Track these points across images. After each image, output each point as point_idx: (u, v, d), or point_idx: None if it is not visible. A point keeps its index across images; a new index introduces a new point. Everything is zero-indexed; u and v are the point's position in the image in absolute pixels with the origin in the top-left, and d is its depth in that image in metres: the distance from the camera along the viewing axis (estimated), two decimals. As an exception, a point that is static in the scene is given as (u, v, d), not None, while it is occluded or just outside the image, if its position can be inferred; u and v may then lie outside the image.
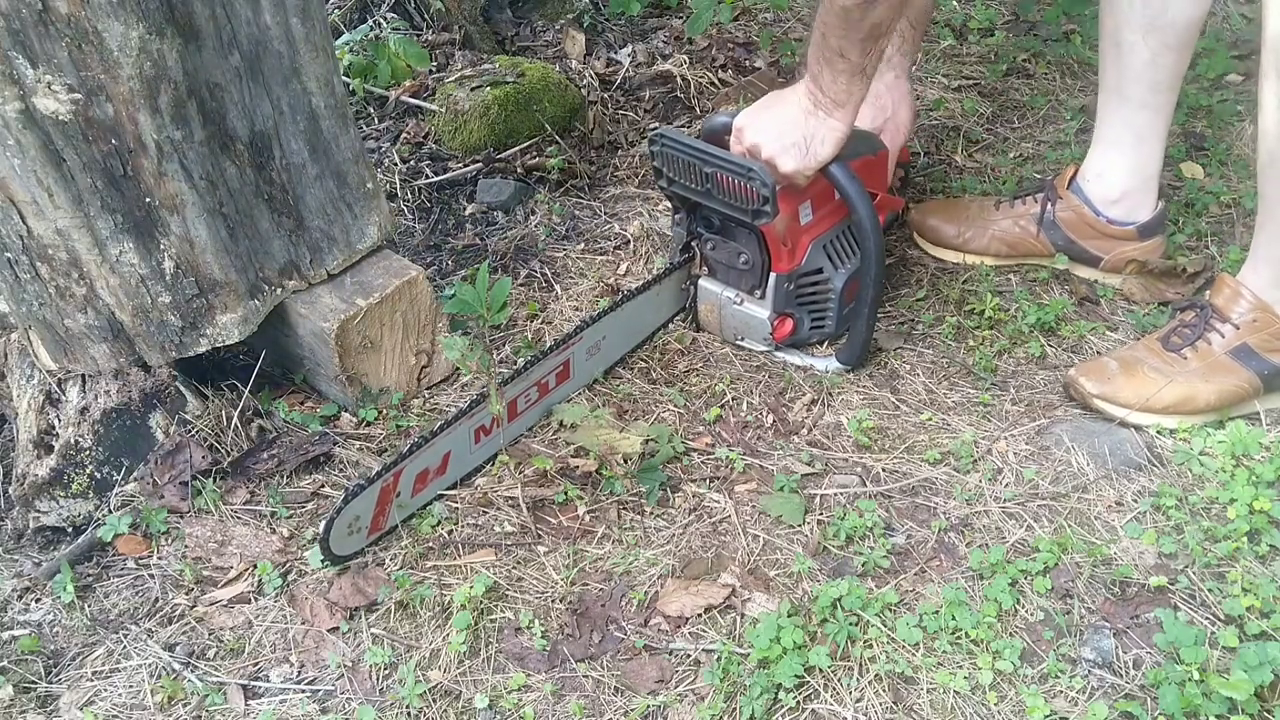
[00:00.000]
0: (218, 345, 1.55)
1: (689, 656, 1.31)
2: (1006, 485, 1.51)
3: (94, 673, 1.34)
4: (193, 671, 1.33)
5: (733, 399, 1.68)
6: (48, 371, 1.54)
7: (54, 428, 1.53)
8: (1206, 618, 1.30)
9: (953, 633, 1.29)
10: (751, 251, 1.66)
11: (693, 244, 1.75)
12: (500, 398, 1.47)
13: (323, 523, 1.36)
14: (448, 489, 1.52)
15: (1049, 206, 1.85)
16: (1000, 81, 2.47)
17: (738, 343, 1.77)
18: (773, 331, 1.70)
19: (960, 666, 1.26)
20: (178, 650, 1.36)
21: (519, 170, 2.24)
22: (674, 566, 1.41)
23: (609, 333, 1.66)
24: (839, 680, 1.25)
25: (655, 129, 1.65)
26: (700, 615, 1.35)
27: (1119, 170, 1.78)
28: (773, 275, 1.66)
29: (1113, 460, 1.52)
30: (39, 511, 1.50)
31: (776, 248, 1.64)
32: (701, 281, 1.76)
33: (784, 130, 1.54)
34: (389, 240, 1.71)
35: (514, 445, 1.59)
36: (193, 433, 1.56)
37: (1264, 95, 1.42)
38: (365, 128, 2.42)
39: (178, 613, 1.40)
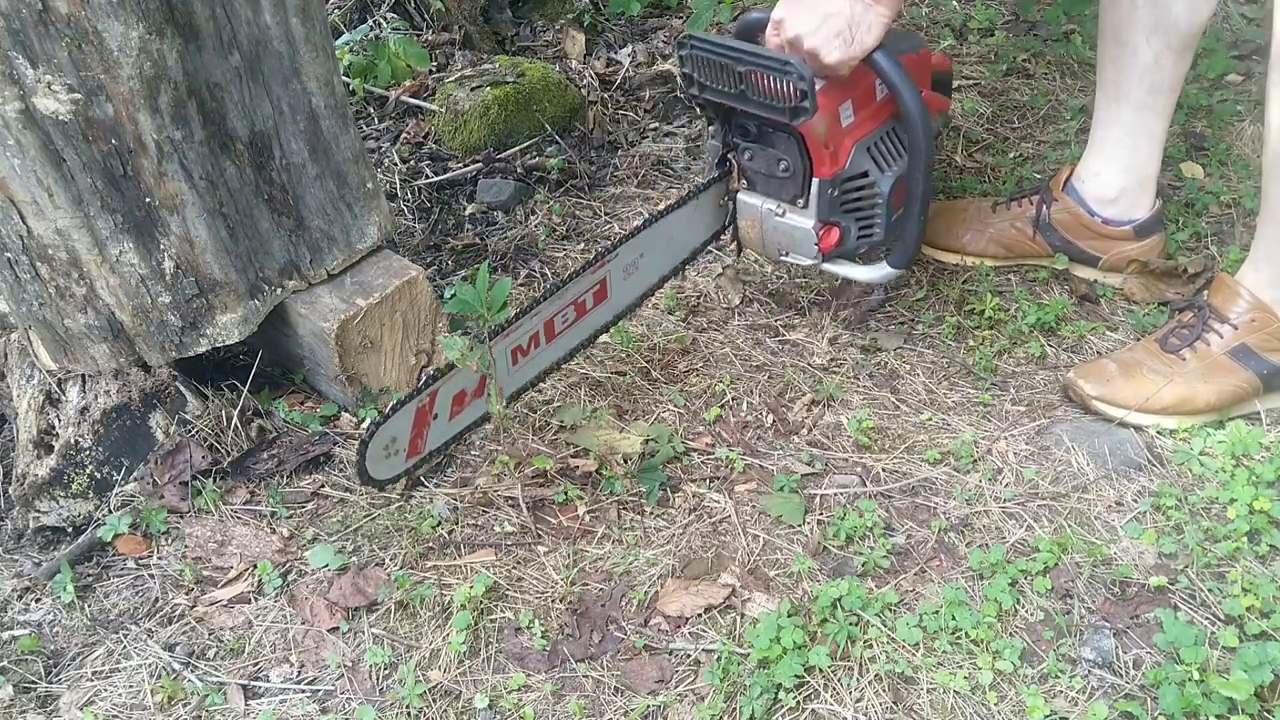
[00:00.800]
0: (218, 345, 1.55)
1: (689, 656, 1.31)
2: (1006, 485, 1.51)
3: (94, 673, 1.34)
4: (193, 671, 1.33)
5: (733, 399, 1.68)
6: (48, 371, 1.54)
7: (54, 428, 1.53)
8: (1206, 618, 1.30)
9: (953, 633, 1.29)
10: (792, 157, 1.58)
11: (729, 156, 1.66)
12: (500, 396, 1.47)
13: (356, 444, 1.30)
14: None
15: (1044, 209, 1.84)
16: (1000, 81, 2.47)
17: (782, 259, 1.69)
18: (819, 241, 1.62)
19: (960, 666, 1.26)
20: (178, 650, 1.36)
21: (519, 170, 2.24)
22: (674, 566, 1.42)
23: (646, 250, 1.58)
24: (839, 680, 1.25)
25: (684, 35, 1.56)
26: (700, 615, 1.35)
27: (1115, 170, 1.77)
28: (815, 181, 1.58)
29: (1113, 460, 1.52)
30: (39, 511, 1.50)
31: (818, 151, 1.56)
32: (740, 196, 1.67)
33: (827, 19, 1.45)
34: (389, 240, 1.71)
35: (513, 445, 1.59)
36: (193, 433, 1.56)
37: (1271, 94, 1.42)
38: (365, 128, 2.42)
39: (178, 613, 1.41)
